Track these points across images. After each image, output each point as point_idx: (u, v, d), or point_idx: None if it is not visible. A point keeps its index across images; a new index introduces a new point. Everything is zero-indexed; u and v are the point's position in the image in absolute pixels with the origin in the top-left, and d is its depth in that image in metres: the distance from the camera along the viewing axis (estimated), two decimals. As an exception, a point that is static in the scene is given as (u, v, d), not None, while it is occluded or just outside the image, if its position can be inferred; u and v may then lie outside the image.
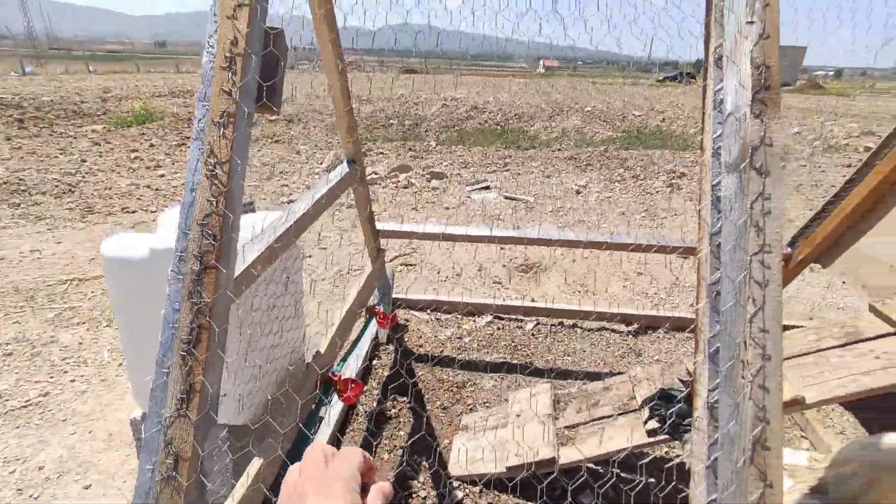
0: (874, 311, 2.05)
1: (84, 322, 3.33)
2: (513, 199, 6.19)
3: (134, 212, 5.59)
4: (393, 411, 2.49)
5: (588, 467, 2.12)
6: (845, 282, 2.46)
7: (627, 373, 2.36)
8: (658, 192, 6.85)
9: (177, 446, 0.92)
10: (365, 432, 2.36)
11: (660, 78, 50.49)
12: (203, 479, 0.96)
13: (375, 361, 2.85)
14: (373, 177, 6.54)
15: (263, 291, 1.47)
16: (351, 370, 2.54)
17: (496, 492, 2.11)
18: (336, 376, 1.81)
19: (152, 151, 8.23)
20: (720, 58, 1.04)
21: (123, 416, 2.50)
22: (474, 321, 3.33)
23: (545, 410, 2.30)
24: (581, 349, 3.15)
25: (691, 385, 1.92)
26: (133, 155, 7.88)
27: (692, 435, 1.05)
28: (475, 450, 2.27)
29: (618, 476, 2.16)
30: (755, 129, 0.92)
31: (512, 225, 5.38)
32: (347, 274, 4.11)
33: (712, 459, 0.95)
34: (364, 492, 0.49)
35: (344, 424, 2.39)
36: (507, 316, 3.40)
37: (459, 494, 2.09)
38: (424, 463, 2.23)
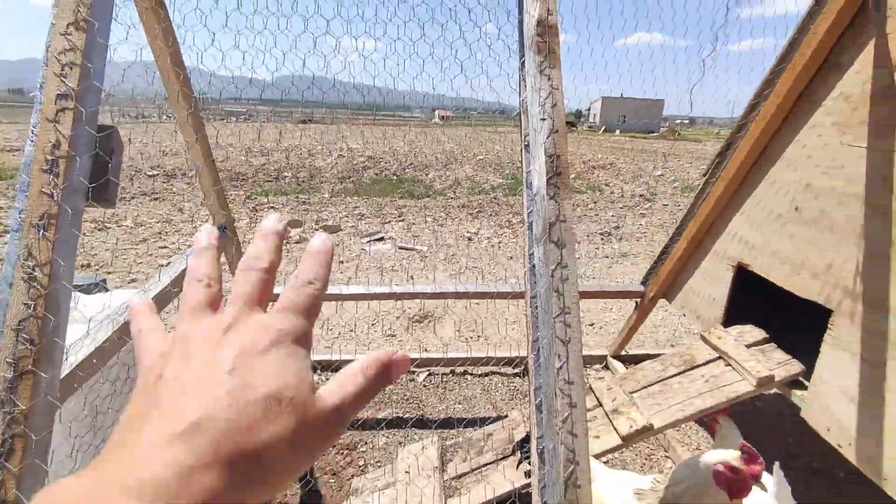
0: (703, 340, 2.38)
1: None
2: (407, 250, 6.33)
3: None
4: (278, 484, 2.39)
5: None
6: (685, 314, 2.83)
7: (507, 417, 2.50)
8: (542, 236, 7.37)
9: (-9, 571, 0.84)
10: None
11: (544, 126, 54.67)
12: None
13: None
14: (263, 233, 6.36)
15: (111, 382, 1.39)
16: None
17: (385, 556, 2.08)
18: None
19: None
20: (527, 145, 1.23)
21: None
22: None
23: (432, 464, 2.34)
24: (472, 395, 3.26)
25: None
26: (-21, 219, 6.97)
27: (532, 478, 1.16)
28: (364, 514, 2.24)
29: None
30: (552, 209, 1.10)
31: (406, 275, 5.48)
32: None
33: (543, 501, 1.06)
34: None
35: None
36: (400, 369, 3.44)
37: (348, 564, 2.04)
38: (312, 536, 2.15)
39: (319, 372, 3.31)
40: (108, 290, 1.78)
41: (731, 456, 1.44)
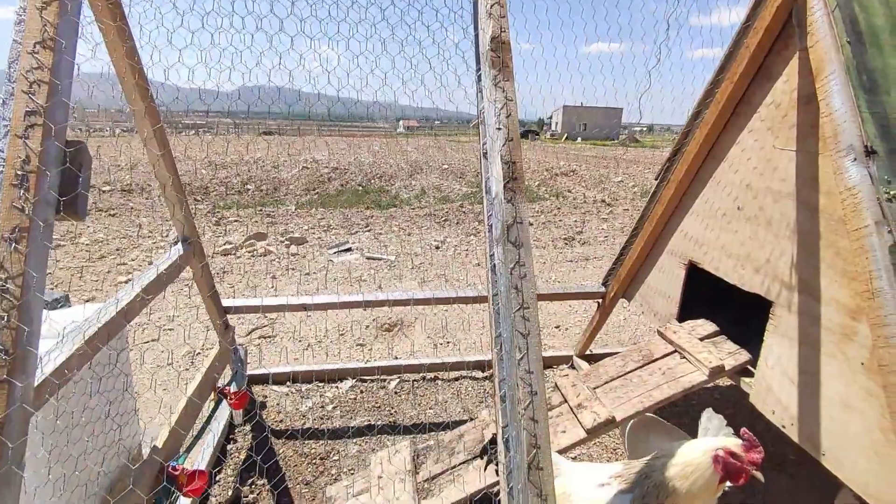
0: (660, 335, 2.50)
1: None
2: (374, 259, 6.35)
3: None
4: (251, 496, 2.37)
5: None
6: (643, 312, 2.96)
7: (478, 418, 2.56)
8: (508, 242, 7.52)
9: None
10: (219, 526, 2.22)
11: (508, 135, 55.59)
12: None
13: (231, 445, 2.70)
14: (226, 247, 6.28)
15: (81, 390, 1.39)
16: (201, 459, 2.39)
17: (361, 560, 2.10)
18: (176, 470, 1.72)
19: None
20: (485, 153, 1.31)
21: None
22: (337, 387, 3.33)
23: (405, 468, 2.37)
24: (443, 400, 3.30)
25: None
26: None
27: (500, 467, 1.22)
28: (339, 521, 2.25)
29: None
30: (509, 211, 1.17)
31: (375, 284, 5.50)
32: (199, 354, 3.86)
33: (510, 487, 1.13)
34: None
35: (194, 522, 2.22)
36: (371, 377, 3.46)
37: (324, 571, 2.05)
38: (286, 546, 2.15)
39: (289, 383, 3.31)
40: (71, 306, 1.77)
41: (733, 443, 1.53)
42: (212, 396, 2.65)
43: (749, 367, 2.20)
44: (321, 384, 3.35)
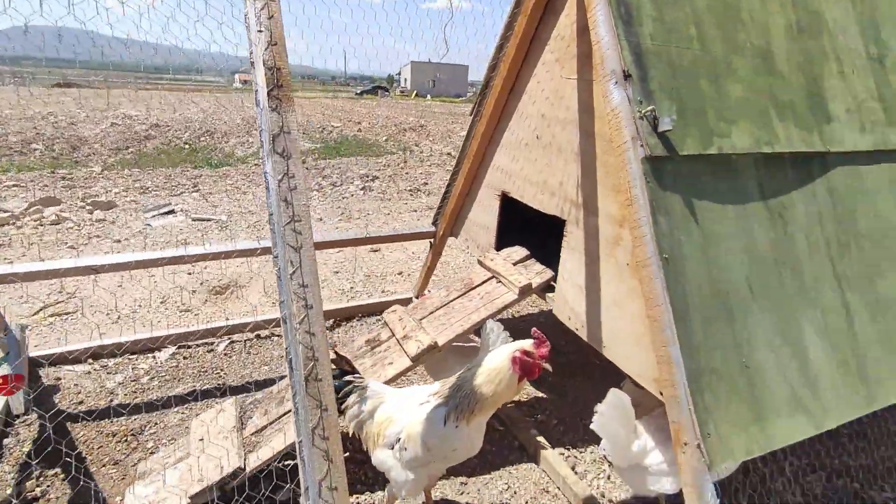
0: (480, 264, 2.65)
1: None
2: (202, 221, 5.76)
3: None
4: (38, 490, 2.04)
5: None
6: (468, 246, 3.11)
7: (309, 363, 2.50)
8: (353, 196, 7.37)
9: None
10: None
11: (358, 91, 54.17)
12: None
13: (9, 440, 2.28)
14: (1, 216, 5.17)
15: None
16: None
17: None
18: None
19: None
20: (252, 62, 1.18)
21: None
22: (154, 357, 3.00)
23: (230, 425, 2.24)
24: (279, 356, 3.17)
25: (344, 361, 2.14)
26: None
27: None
28: (154, 493, 2.06)
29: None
30: (275, 120, 1.09)
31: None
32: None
33: (295, 403, 1.09)
34: None
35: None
36: (195, 343, 3.17)
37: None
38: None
39: (91, 361, 2.88)
40: None
41: (526, 343, 1.67)
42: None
43: (552, 283, 2.44)
44: (133, 356, 2.98)
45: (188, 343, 3.15)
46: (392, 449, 1.79)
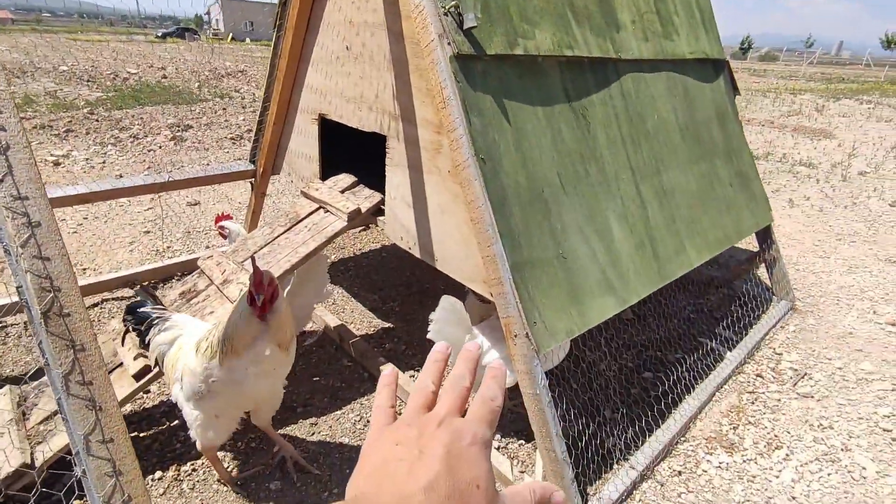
0: (304, 195, 2.45)
1: None
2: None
3: None
4: None
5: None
6: (292, 180, 2.85)
7: (112, 329, 2.12)
8: (161, 148, 6.40)
9: None
10: None
11: (159, 34, 46.64)
12: None
13: None
14: None
15: None
16: None
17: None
18: None
19: None
20: None
21: None
22: None
23: (5, 417, 1.81)
24: (78, 331, 2.65)
25: (146, 290, 1.84)
26: None
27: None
28: None
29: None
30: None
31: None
32: None
33: (39, 342, 0.85)
34: None
35: None
36: (-51, 333, 2.50)
37: None
38: None
39: None
40: None
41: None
42: None
43: (383, 207, 2.35)
44: None
45: (-61, 336, 2.47)
46: (179, 383, 1.62)
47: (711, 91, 2.93)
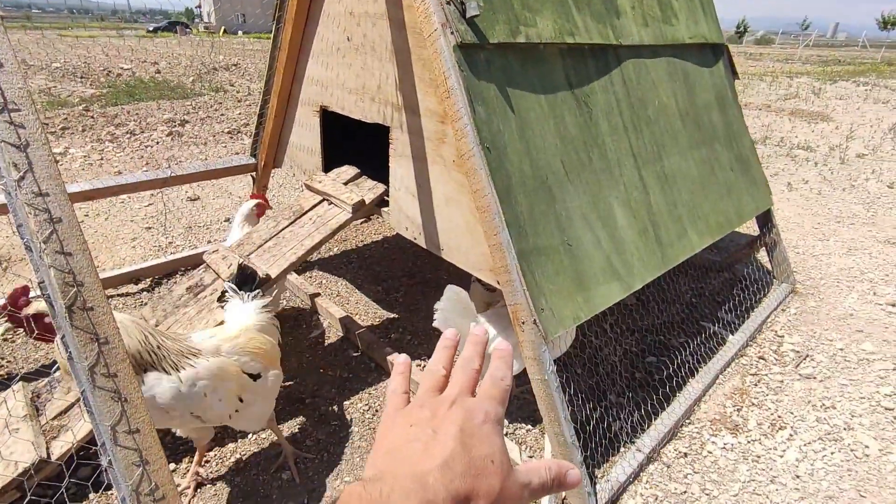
0: (307, 188, 2.45)
1: None
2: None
3: None
4: None
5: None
6: (295, 174, 2.86)
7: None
8: (159, 143, 6.38)
9: None
10: None
11: (150, 29, 46.16)
12: None
13: None
14: None
15: None
16: None
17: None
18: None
19: None
20: None
21: None
22: None
23: (20, 413, 1.83)
24: (85, 328, 2.67)
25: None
26: None
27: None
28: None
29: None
30: None
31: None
32: None
33: (62, 339, 0.86)
34: None
35: None
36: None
37: None
38: None
39: None
40: None
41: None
42: None
43: (387, 199, 2.36)
44: None
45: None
46: None
47: (711, 76, 2.93)
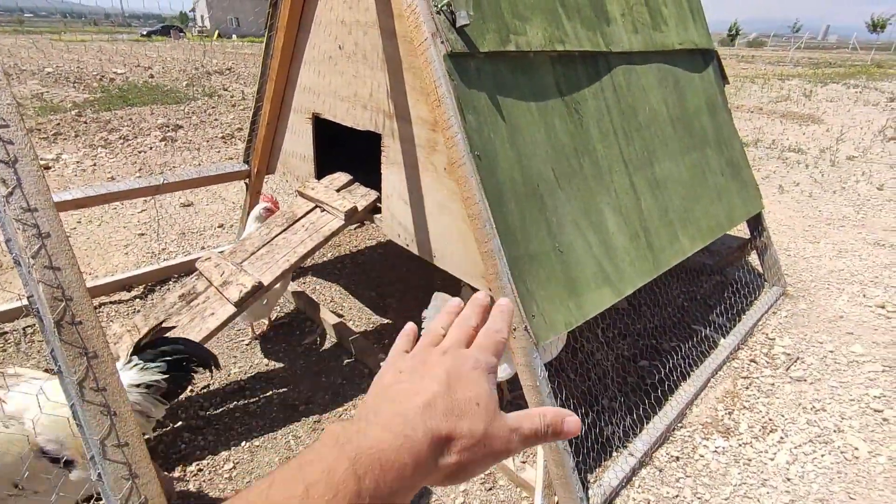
0: (300, 195, 2.46)
1: None
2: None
3: None
4: None
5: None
6: (288, 181, 2.86)
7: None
8: (152, 149, 6.36)
9: None
10: None
11: (144, 33, 46.02)
12: None
13: None
14: None
15: None
16: None
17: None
18: None
19: None
20: None
21: None
22: None
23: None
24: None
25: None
26: None
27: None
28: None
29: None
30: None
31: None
32: None
33: (51, 350, 0.87)
34: None
35: None
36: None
37: None
38: None
39: None
40: None
41: None
42: None
43: (379, 206, 2.36)
44: None
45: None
46: None
47: (701, 81, 2.96)
